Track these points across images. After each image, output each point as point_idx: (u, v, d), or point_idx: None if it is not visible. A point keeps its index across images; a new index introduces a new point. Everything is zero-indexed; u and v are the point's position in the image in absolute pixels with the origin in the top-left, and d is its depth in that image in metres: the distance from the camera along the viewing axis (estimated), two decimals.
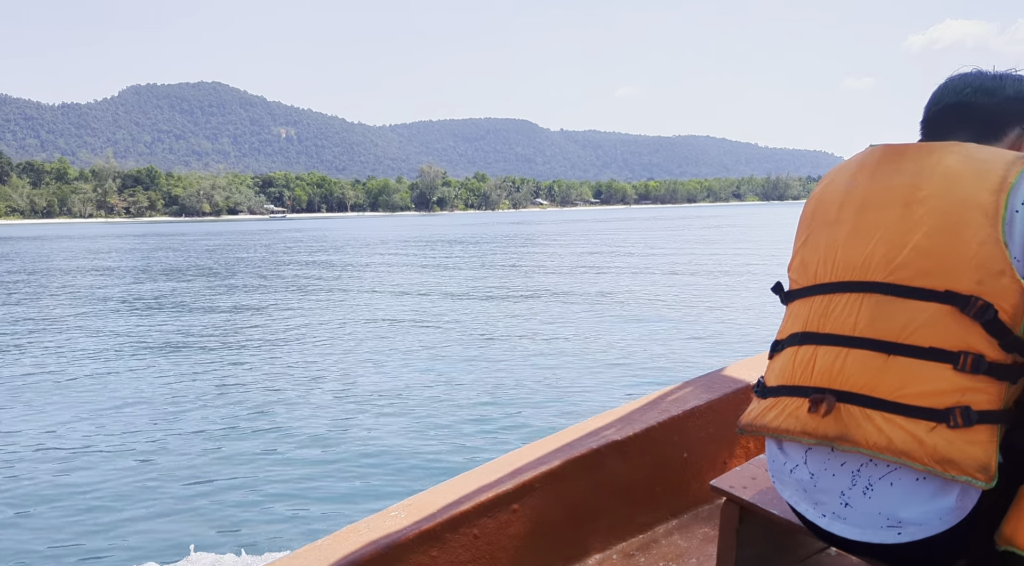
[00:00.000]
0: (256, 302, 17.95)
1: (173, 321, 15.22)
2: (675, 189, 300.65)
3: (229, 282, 23.33)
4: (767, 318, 13.67)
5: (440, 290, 19.31)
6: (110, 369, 10.58)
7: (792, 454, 1.28)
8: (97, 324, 14.98)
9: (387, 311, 15.73)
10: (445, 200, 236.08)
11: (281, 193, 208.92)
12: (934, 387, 1.10)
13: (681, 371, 9.35)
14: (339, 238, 54.31)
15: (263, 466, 6.35)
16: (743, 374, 2.41)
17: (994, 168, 1.15)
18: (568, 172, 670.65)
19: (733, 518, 1.65)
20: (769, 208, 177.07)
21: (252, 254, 37.79)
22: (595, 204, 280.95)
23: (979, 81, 1.31)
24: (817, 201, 1.35)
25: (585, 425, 2.11)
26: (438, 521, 1.65)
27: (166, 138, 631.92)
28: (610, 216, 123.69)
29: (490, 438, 6.91)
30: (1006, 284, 1.09)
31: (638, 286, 19.07)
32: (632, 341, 11.65)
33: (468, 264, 28.56)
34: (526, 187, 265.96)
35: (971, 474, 1.07)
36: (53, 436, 7.45)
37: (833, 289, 1.24)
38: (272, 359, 10.97)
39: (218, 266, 30.18)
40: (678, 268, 24.21)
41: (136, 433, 7.43)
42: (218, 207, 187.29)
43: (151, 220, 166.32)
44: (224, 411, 8.16)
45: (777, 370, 1.31)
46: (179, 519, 5.37)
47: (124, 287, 22.25)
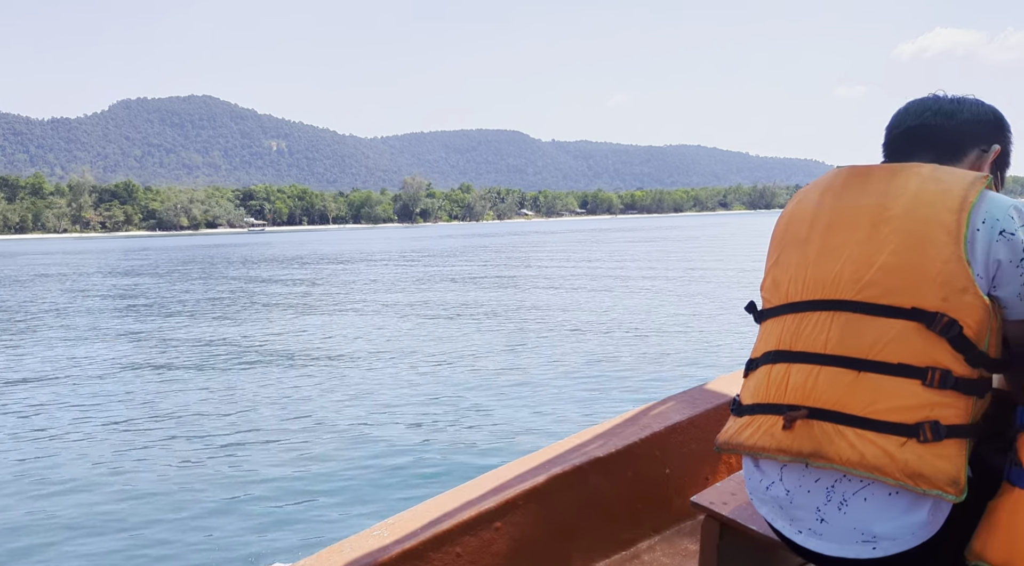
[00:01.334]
0: (209, 327, 16.97)
1: (116, 348, 14.05)
2: (661, 199, 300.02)
3: (170, 305, 22.04)
4: (745, 334, 13.28)
5: (411, 308, 18.87)
6: (60, 394, 10.15)
7: (768, 471, 1.29)
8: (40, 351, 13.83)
9: (363, 329, 15.29)
10: (428, 212, 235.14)
11: (262, 206, 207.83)
12: (904, 402, 1.12)
13: (661, 387, 9.28)
14: (305, 253, 53.32)
15: (242, 488, 6.25)
16: (724, 389, 2.40)
17: (955, 188, 1.18)
18: (559, 183, 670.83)
19: (714, 534, 1.65)
20: (755, 217, 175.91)
21: (211, 270, 36.30)
22: (581, 214, 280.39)
23: (938, 105, 1.36)
24: (787, 221, 1.39)
25: (567, 442, 2.11)
26: (421, 539, 1.65)
27: (156, 152, 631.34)
28: (595, 226, 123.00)
29: (472, 455, 6.87)
30: (969, 301, 1.12)
31: (613, 301, 18.71)
32: (610, 357, 11.45)
33: (440, 277, 27.99)
34: (511, 198, 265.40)
35: (941, 488, 1.09)
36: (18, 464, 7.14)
37: (804, 307, 1.26)
38: (239, 382, 10.53)
39: (154, 287, 28.57)
40: (655, 283, 23.51)
41: (102, 457, 7.23)
42: (196, 221, 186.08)
43: (126, 235, 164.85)
44: (199, 433, 7.95)
45: (752, 388, 1.33)
46: (155, 543, 5.28)
47: (51, 313, 20.80)
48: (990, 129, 1.36)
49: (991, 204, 1.17)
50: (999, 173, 1.39)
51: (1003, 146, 1.37)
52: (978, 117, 1.35)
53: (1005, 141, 1.38)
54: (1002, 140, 1.37)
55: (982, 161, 1.35)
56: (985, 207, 1.17)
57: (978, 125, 1.35)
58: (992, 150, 1.35)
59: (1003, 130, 1.38)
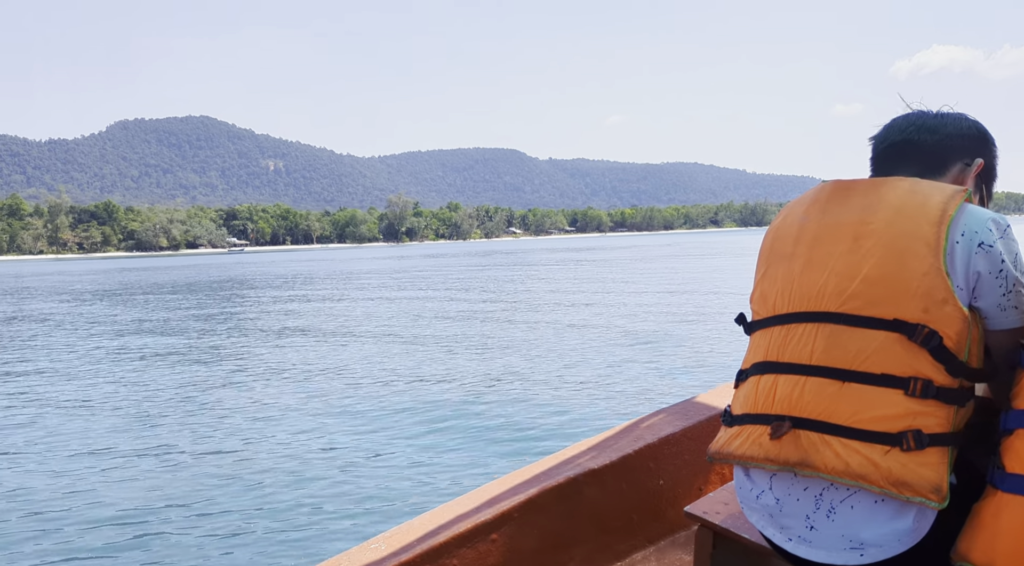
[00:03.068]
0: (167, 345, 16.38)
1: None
2: (652, 216, 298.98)
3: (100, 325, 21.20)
4: (737, 346, 13.56)
5: (395, 324, 18.92)
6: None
7: (758, 480, 1.31)
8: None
9: (351, 348, 15.19)
10: (415, 230, 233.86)
11: (245, 226, 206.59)
12: (887, 412, 1.14)
13: (654, 399, 9.43)
14: (271, 274, 52.11)
15: (237, 502, 6.31)
16: (716, 401, 2.43)
17: (935, 201, 1.20)
18: (556, 200, 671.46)
19: (707, 543, 1.65)
20: (747, 235, 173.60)
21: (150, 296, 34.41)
22: (570, 232, 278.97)
23: (922, 120, 1.38)
24: (774, 235, 1.41)
25: (561, 454, 2.12)
26: (417, 552, 1.66)
27: (153, 172, 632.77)
28: (582, 245, 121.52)
29: (466, 469, 6.92)
30: (949, 312, 1.14)
31: (602, 316, 18.72)
32: (603, 370, 11.54)
33: (427, 296, 27.98)
34: (499, 216, 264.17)
35: (924, 495, 1.11)
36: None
37: (791, 319, 1.28)
38: (225, 398, 10.38)
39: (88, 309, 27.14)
40: (644, 298, 23.48)
41: (92, 471, 7.22)
42: (176, 241, 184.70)
43: (103, 256, 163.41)
44: (191, 446, 7.96)
45: (741, 399, 1.35)
46: (151, 553, 5.34)
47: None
48: (973, 143, 1.37)
49: (970, 217, 1.19)
50: (984, 186, 1.41)
51: (987, 160, 1.38)
52: (961, 132, 1.36)
53: (989, 155, 1.39)
54: (985, 154, 1.38)
55: (965, 175, 1.36)
56: (964, 220, 1.18)
57: (961, 139, 1.36)
58: (975, 164, 1.36)
59: (986, 144, 1.39)
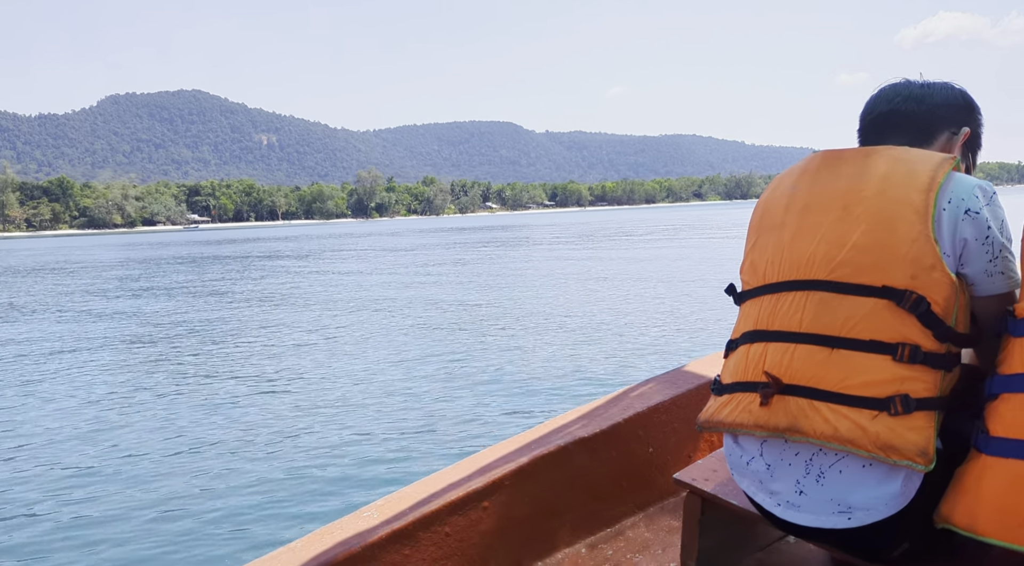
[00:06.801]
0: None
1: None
2: (632, 190, 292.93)
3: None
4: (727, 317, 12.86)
5: (381, 299, 18.34)
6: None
7: (748, 447, 1.34)
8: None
9: (339, 318, 15.08)
10: (385, 206, 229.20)
11: (207, 202, 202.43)
12: (875, 377, 1.16)
13: (644, 368, 9.43)
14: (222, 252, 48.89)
15: (231, 474, 6.35)
16: (705, 370, 2.44)
17: (924, 169, 1.22)
18: (553, 173, 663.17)
19: (696, 509, 1.69)
20: (731, 208, 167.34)
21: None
22: (549, 207, 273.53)
23: (908, 90, 1.40)
24: (764, 206, 1.42)
25: (552, 423, 2.14)
26: (410, 520, 1.69)
27: (145, 148, 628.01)
28: (557, 221, 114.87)
29: (458, 439, 6.94)
30: (937, 278, 1.16)
31: (588, 291, 18.12)
32: (592, 341, 11.40)
33: (398, 270, 27.35)
34: (475, 190, 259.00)
35: (911, 458, 1.13)
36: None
37: (780, 288, 1.30)
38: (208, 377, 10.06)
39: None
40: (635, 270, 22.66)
41: (83, 448, 7.16)
42: (131, 218, 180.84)
43: (52, 234, 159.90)
44: (182, 421, 7.99)
45: (731, 368, 1.37)
46: (147, 533, 5.36)
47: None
48: (959, 112, 1.38)
49: (957, 184, 1.21)
50: (970, 154, 1.43)
51: (973, 128, 1.40)
52: (947, 101, 1.38)
53: (975, 123, 1.40)
54: (972, 122, 1.40)
55: (952, 143, 1.38)
56: (951, 187, 1.20)
57: (947, 109, 1.37)
58: (962, 133, 1.38)
59: (972, 113, 1.40)
